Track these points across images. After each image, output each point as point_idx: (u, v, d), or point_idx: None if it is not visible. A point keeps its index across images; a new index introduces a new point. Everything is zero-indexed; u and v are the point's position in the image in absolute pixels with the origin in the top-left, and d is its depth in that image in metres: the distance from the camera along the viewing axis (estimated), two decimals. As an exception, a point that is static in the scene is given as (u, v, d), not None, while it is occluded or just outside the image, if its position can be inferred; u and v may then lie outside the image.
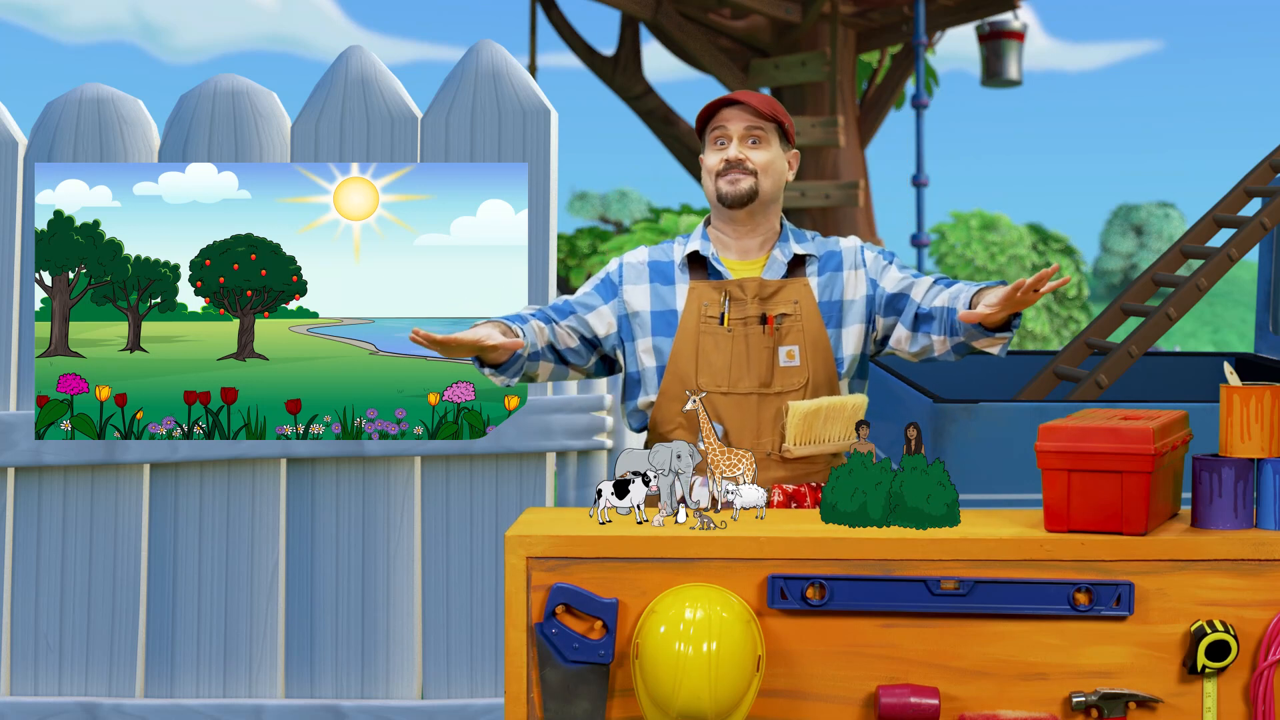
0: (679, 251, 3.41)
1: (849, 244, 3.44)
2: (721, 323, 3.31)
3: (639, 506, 2.88)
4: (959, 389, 5.70)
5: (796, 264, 3.37)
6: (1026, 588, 2.68)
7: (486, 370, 3.29)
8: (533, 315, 3.40)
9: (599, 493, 2.88)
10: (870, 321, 3.39)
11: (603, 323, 3.40)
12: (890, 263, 3.42)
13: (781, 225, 3.42)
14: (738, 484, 3.00)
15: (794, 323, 3.31)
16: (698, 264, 3.39)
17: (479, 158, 4.34)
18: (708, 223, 3.45)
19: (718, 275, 3.36)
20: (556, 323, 3.39)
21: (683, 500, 2.92)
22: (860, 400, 3.30)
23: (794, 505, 3.24)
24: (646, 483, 2.92)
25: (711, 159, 3.36)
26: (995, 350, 3.30)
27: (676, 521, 2.85)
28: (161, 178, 4.35)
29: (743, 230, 3.37)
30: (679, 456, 2.91)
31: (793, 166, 3.42)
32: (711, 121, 3.36)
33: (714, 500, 3.02)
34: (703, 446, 3.07)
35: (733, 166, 3.32)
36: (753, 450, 3.28)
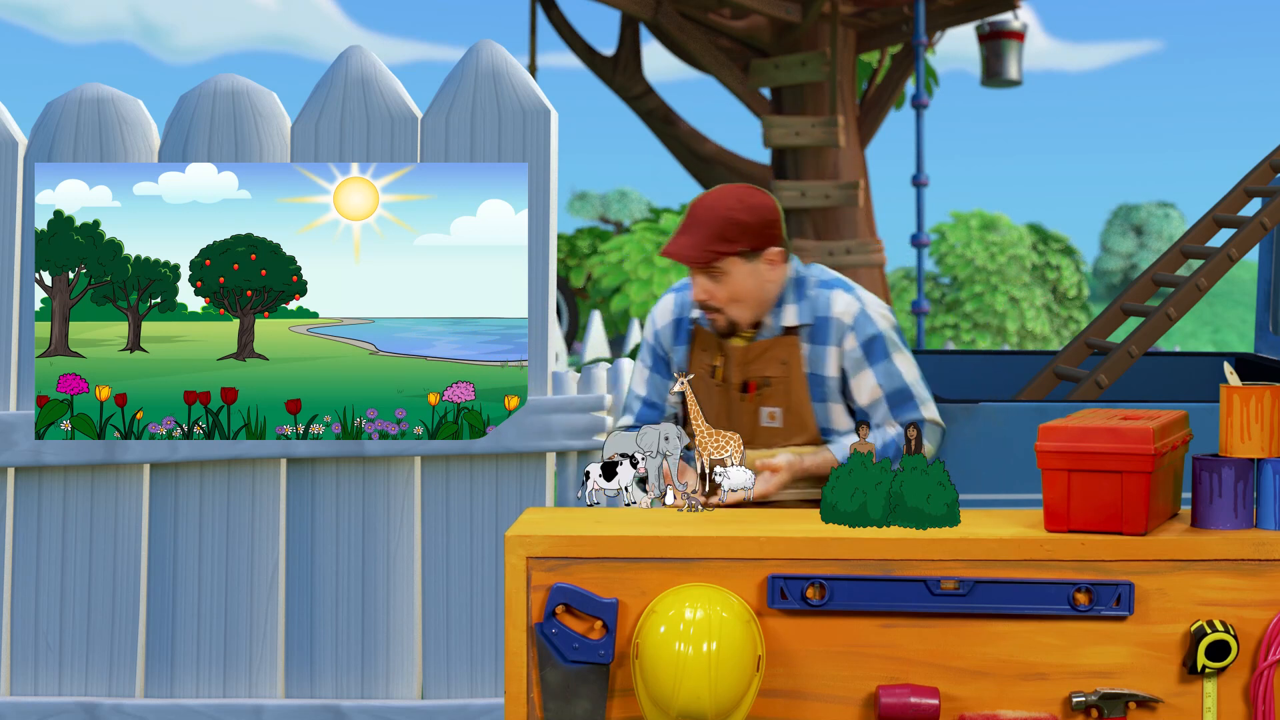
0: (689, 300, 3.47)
1: (838, 313, 3.36)
2: (713, 375, 3.37)
3: (628, 488, 2.90)
4: (959, 389, 5.70)
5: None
6: (1026, 588, 2.68)
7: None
8: (648, 413, 3.50)
9: (586, 474, 2.90)
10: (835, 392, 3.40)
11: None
12: (871, 365, 3.34)
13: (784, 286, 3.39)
14: (725, 465, 3.02)
15: (780, 384, 3.31)
16: None
17: (479, 158, 4.34)
18: None
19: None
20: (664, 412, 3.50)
21: (671, 483, 2.96)
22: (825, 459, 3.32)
23: None
24: (634, 465, 2.93)
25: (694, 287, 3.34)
26: None
27: (665, 503, 2.87)
28: (161, 178, 4.35)
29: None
30: (666, 439, 2.93)
31: (776, 263, 3.32)
32: None
33: (703, 479, 3.06)
34: (691, 428, 3.11)
35: (701, 305, 3.33)
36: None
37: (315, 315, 4.35)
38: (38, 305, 4.36)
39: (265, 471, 4.38)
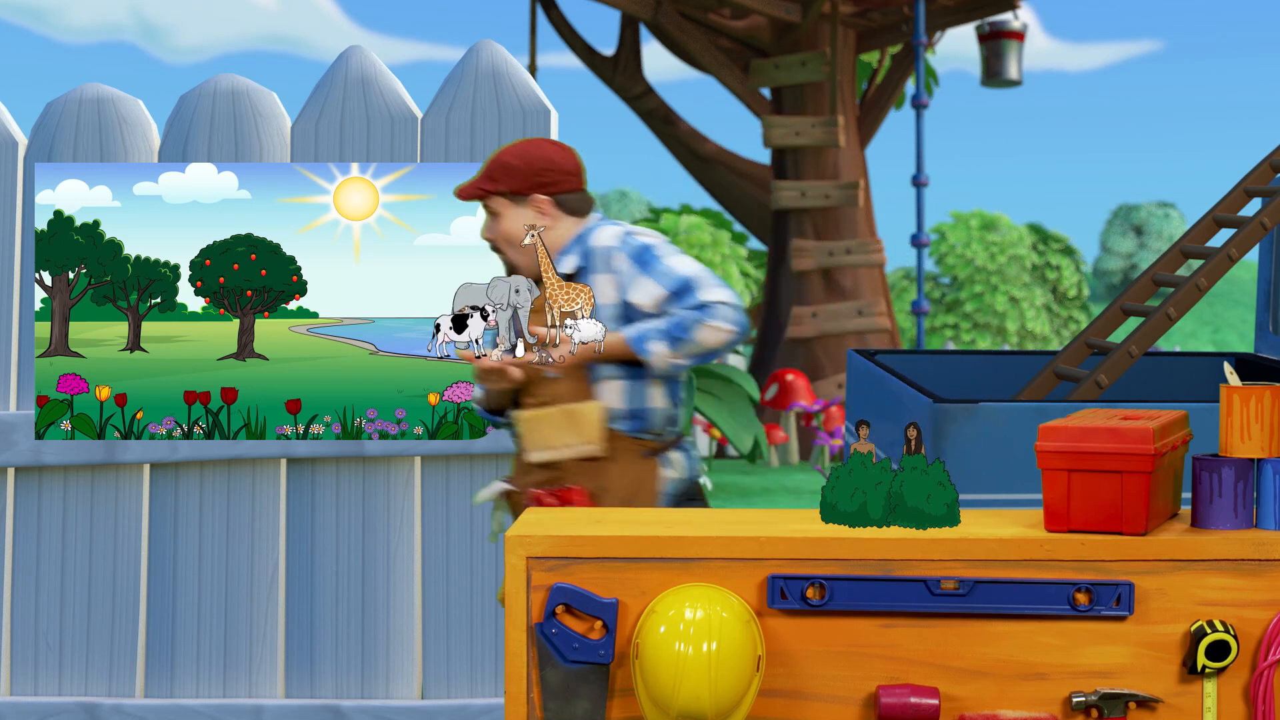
0: None
1: (601, 242, 3.36)
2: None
3: (477, 341, 2.92)
4: (959, 389, 5.70)
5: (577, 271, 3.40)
6: (1026, 588, 2.68)
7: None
8: None
9: (437, 327, 2.91)
10: (630, 322, 3.33)
11: None
12: (646, 272, 3.31)
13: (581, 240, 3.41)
14: (575, 318, 3.04)
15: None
16: None
17: (479, 158, 4.34)
18: None
19: None
20: None
21: (522, 335, 3.00)
22: (589, 407, 3.28)
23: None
24: (485, 317, 2.93)
25: None
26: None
27: (516, 355, 2.90)
28: (161, 178, 4.35)
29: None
30: (517, 291, 2.94)
31: (544, 211, 3.37)
32: None
33: (552, 329, 3.10)
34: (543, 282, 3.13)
35: (490, 245, 3.45)
36: (521, 454, 3.38)
37: (315, 315, 4.35)
38: (38, 305, 4.36)
39: (265, 471, 4.38)
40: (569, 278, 3.37)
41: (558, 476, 3.34)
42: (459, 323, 2.90)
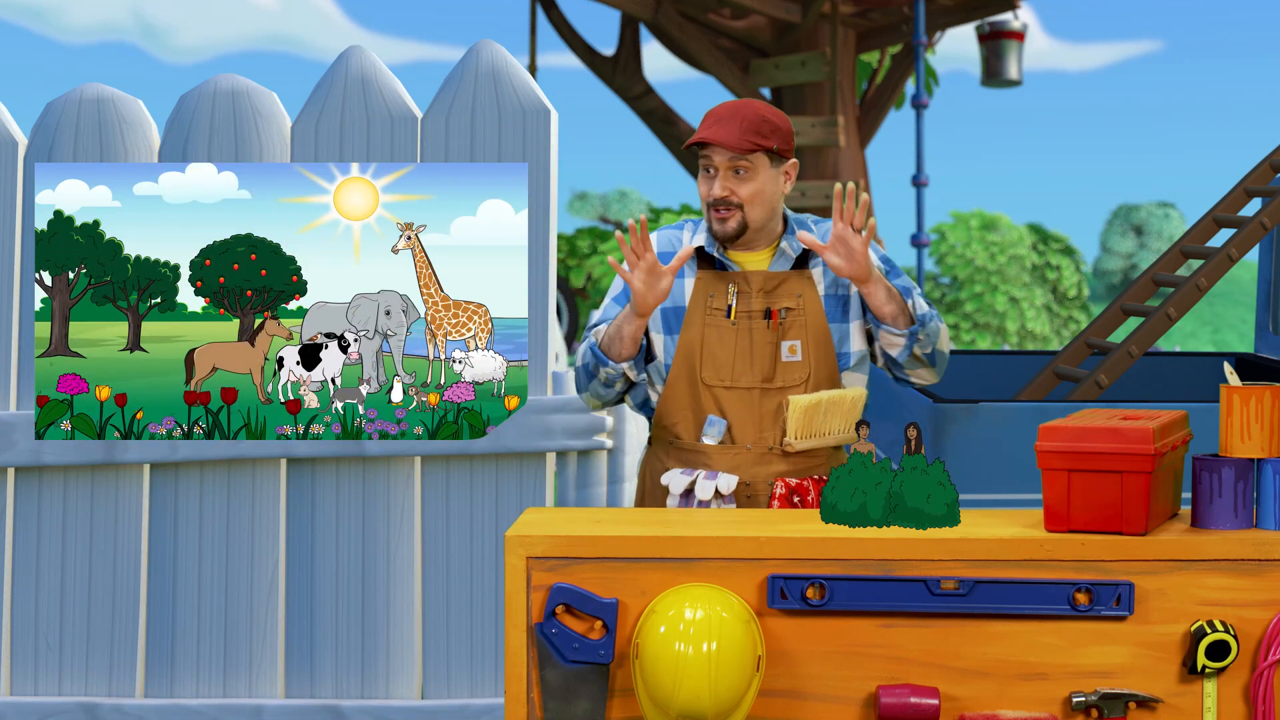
0: (687, 239, 3.41)
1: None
2: (728, 315, 3.31)
3: (334, 381, 2.56)
4: (959, 389, 5.70)
5: (803, 256, 3.37)
6: (1026, 588, 2.68)
7: (624, 365, 3.31)
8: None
9: (280, 361, 2.50)
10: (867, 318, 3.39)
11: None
12: (887, 272, 3.39)
13: (786, 221, 3.41)
14: (469, 349, 2.72)
15: (797, 317, 3.31)
16: (705, 253, 3.39)
17: (479, 158, 4.34)
18: None
19: (724, 267, 3.36)
20: None
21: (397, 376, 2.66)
22: (859, 393, 3.32)
23: (797, 499, 3.26)
24: (344, 348, 2.61)
25: (701, 188, 3.34)
26: (895, 352, 3.32)
27: (391, 402, 2.62)
28: (161, 178, 4.35)
29: (740, 245, 3.37)
30: (388, 313, 2.58)
31: (790, 177, 3.35)
32: (700, 149, 3.31)
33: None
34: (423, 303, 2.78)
35: (719, 203, 3.29)
36: (754, 445, 3.29)
37: (315, 315, 4.34)
38: (38, 305, 4.36)
39: (265, 471, 4.38)
40: (800, 263, 3.32)
41: (808, 466, 3.31)
42: (309, 355, 2.55)
